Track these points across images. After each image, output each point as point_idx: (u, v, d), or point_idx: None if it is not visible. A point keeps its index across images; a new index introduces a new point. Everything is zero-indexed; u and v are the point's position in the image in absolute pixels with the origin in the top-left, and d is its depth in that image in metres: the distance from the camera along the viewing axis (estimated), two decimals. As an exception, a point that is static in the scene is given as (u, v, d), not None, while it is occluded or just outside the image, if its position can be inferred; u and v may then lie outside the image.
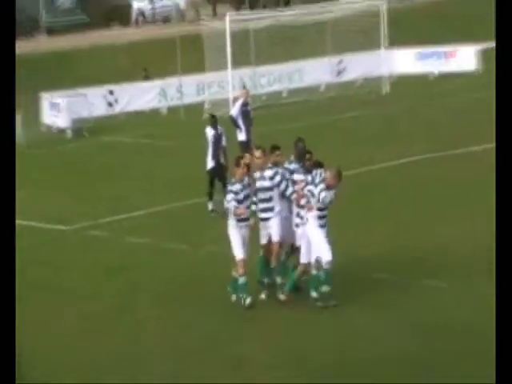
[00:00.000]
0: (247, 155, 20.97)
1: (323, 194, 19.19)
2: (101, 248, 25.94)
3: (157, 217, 28.48)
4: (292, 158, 20.60)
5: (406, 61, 52.16)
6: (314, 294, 19.76)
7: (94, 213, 29.11)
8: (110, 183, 33.69)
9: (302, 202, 19.68)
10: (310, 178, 19.68)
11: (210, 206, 28.15)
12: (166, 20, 79.83)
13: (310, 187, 19.51)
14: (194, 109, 46.46)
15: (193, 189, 30.08)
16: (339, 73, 51.69)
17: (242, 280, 19.97)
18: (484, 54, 52.79)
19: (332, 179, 19.42)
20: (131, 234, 26.57)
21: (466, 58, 52.55)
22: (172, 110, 47.38)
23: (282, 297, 20.11)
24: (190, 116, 45.69)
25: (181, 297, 21.38)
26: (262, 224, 20.27)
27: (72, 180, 35.03)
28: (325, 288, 19.67)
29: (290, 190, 20.02)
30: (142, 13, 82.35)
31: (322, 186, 19.35)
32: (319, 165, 20.06)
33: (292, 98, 48.12)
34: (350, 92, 49.18)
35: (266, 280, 20.37)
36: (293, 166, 20.33)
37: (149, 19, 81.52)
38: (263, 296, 20.26)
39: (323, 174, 19.56)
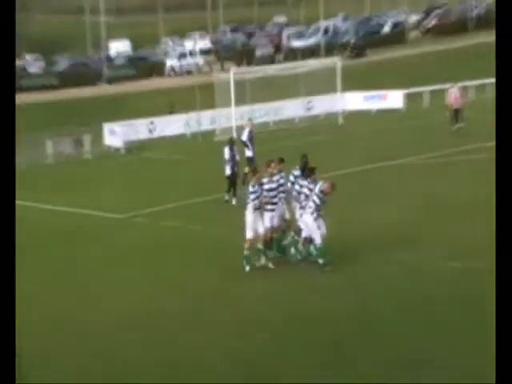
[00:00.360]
0: (260, 167, 21.21)
1: (318, 201, 19.74)
2: (143, 229, 25.97)
3: (183, 208, 28.34)
4: (297, 167, 20.97)
5: (354, 101, 52.05)
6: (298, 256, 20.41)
7: (139, 205, 29.06)
8: (150, 184, 33.66)
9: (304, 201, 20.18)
10: (312, 186, 20.00)
11: (226, 197, 28.22)
12: (189, 73, 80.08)
13: (313, 197, 19.84)
14: (209, 134, 46.46)
15: (209, 188, 30.15)
16: (308, 109, 51.64)
17: (245, 253, 20.14)
18: (408, 96, 52.91)
19: (328, 189, 19.82)
20: (165, 220, 26.53)
21: (395, 99, 52.57)
22: (193, 135, 47.30)
23: (270, 265, 20.26)
24: (205, 139, 45.71)
25: (201, 263, 21.35)
26: (266, 213, 20.27)
27: (124, 182, 35.08)
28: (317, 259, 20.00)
29: (287, 187, 20.74)
30: (172, 68, 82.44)
31: (320, 195, 19.72)
32: (313, 169, 20.50)
33: (276, 126, 48.04)
34: (316, 123, 49.12)
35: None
36: (297, 173, 20.75)
37: (177, 72, 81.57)
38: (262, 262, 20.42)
39: (322, 187, 19.84)
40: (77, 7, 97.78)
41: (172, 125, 47.72)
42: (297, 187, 20.58)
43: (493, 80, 56.15)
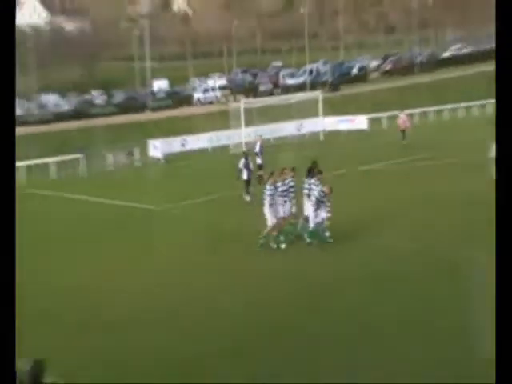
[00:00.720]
0: (275, 172, 20.98)
1: (319, 197, 19.70)
2: (176, 219, 25.85)
3: (208, 202, 28.17)
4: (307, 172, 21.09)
5: (331, 123, 51.71)
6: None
7: (174, 200, 28.92)
8: (182, 184, 33.54)
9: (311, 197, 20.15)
10: (317, 183, 20.00)
11: (248, 198, 27.53)
12: (211, 103, 79.69)
13: (315, 193, 19.87)
14: (225, 148, 46.02)
15: (226, 187, 29.82)
16: (299, 129, 51.27)
17: (263, 234, 20.03)
18: (370, 120, 52.70)
19: (327, 190, 19.81)
20: (194, 211, 26.47)
21: (361, 122, 52.29)
22: (214, 149, 46.91)
23: (275, 244, 20.15)
24: (223, 151, 45.33)
25: (225, 242, 21.32)
26: (279, 207, 20.14)
27: (164, 183, 35.00)
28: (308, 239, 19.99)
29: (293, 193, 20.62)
30: (198, 99, 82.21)
31: (321, 194, 19.69)
32: (319, 171, 20.59)
33: (275, 142, 47.73)
34: (304, 139, 48.88)
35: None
36: (307, 180, 20.79)
37: (202, 102, 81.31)
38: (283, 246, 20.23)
39: (322, 189, 19.80)
40: (129, 56, 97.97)
41: (198, 141, 47.52)
42: (306, 186, 20.62)
43: (432, 108, 56.39)
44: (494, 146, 25.98)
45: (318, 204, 19.72)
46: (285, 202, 20.28)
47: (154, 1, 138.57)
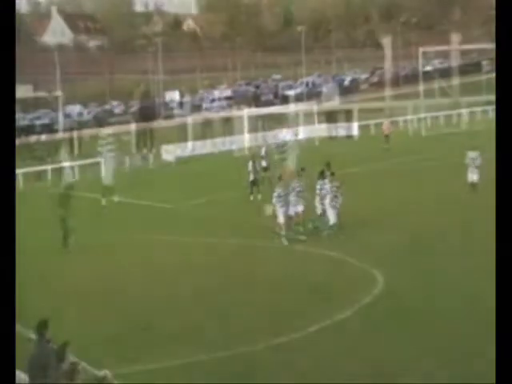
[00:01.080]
0: (283, 174, 21.13)
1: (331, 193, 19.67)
2: (188, 214, 25.74)
3: (215, 201, 28.08)
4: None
5: (326, 130, 51.62)
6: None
7: (185, 199, 28.81)
8: (192, 185, 33.32)
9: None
10: (330, 185, 19.89)
11: (251, 198, 27.50)
12: (217, 112, 79.65)
13: (328, 190, 19.81)
14: (230, 152, 45.96)
15: (234, 188, 29.73)
16: (296, 135, 51.03)
17: (276, 229, 20.02)
18: (360, 126, 52.54)
19: (338, 184, 19.86)
20: (203, 208, 26.41)
21: (352, 128, 52.03)
22: (221, 152, 46.85)
23: (284, 241, 19.94)
24: (228, 155, 45.16)
25: (237, 234, 21.37)
26: (291, 207, 19.98)
27: (175, 184, 34.90)
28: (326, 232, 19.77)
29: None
30: (206, 108, 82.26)
31: (334, 189, 19.69)
32: (332, 173, 20.49)
33: (276, 147, 47.63)
34: (301, 144, 48.51)
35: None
36: (321, 182, 20.55)
37: (210, 111, 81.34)
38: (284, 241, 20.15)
39: (334, 184, 19.93)
40: (144, 70, 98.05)
41: (206, 146, 47.48)
42: (318, 187, 20.40)
43: (414, 116, 56.23)
44: (468, 154, 25.80)
45: (332, 200, 19.52)
46: (296, 201, 20.01)
47: (166, 21, 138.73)
